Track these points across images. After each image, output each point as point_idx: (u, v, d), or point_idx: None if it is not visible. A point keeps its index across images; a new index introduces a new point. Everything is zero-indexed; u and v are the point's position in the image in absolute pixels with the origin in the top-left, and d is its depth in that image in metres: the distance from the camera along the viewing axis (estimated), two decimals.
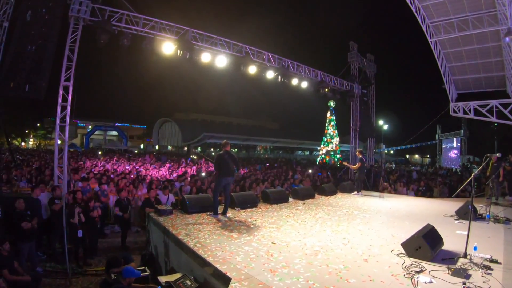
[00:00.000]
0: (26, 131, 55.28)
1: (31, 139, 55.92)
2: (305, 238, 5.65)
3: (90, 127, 57.72)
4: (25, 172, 12.62)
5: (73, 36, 8.97)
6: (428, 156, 51.43)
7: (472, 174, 5.51)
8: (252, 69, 12.09)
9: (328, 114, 30.96)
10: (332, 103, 29.10)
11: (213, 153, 48.38)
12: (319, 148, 33.40)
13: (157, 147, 63.43)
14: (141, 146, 63.92)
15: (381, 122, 29.02)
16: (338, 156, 30.08)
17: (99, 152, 32.44)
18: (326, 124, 31.23)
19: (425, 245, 4.67)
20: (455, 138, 25.99)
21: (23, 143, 54.69)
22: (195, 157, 26.04)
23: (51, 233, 7.71)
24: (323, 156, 30.50)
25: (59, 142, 9.09)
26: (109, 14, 9.52)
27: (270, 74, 13.02)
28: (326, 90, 15.14)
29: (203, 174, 14.67)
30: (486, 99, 15.90)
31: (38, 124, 56.25)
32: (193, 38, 10.82)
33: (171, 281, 4.55)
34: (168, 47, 10.33)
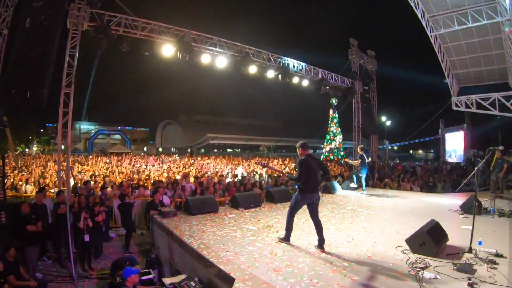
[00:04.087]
0: (30, 138, 55.60)
1: (34, 145, 56.09)
2: (309, 237, 5.64)
3: (93, 131, 57.83)
4: (28, 177, 12.69)
5: (72, 42, 9.01)
6: (432, 151, 51.17)
7: (475, 168, 5.48)
8: (252, 69, 12.06)
9: (331, 111, 30.73)
10: (334, 101, 28.99)
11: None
12: (322, 146, 33.26)
13: (160, 149, 63.45)
14: (145, 149, 63.87)
15: (383, 118, 28.88)
16: (342, 153, 29.97)
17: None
18: (329, 122, 31.03)
19: (430, 240, 4.66)
20: (458, 132, 25.83)
21: (27, 149, 54.97)
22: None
23: (57, 237, 7.75)
24: (326, 153, 30.38)
25: (62, 147, 9.14)
26: (107, 18, 9.56)
27: (270, 74, 12.97)
28: (327, 88, 15.16)
29: None
30: (488, 92, 15.86)
31: (42, 130, 56.62)
32: (192, 39, 10.83)
33: (175, 283, 4.56)
34: (167, 50, 10.34)
